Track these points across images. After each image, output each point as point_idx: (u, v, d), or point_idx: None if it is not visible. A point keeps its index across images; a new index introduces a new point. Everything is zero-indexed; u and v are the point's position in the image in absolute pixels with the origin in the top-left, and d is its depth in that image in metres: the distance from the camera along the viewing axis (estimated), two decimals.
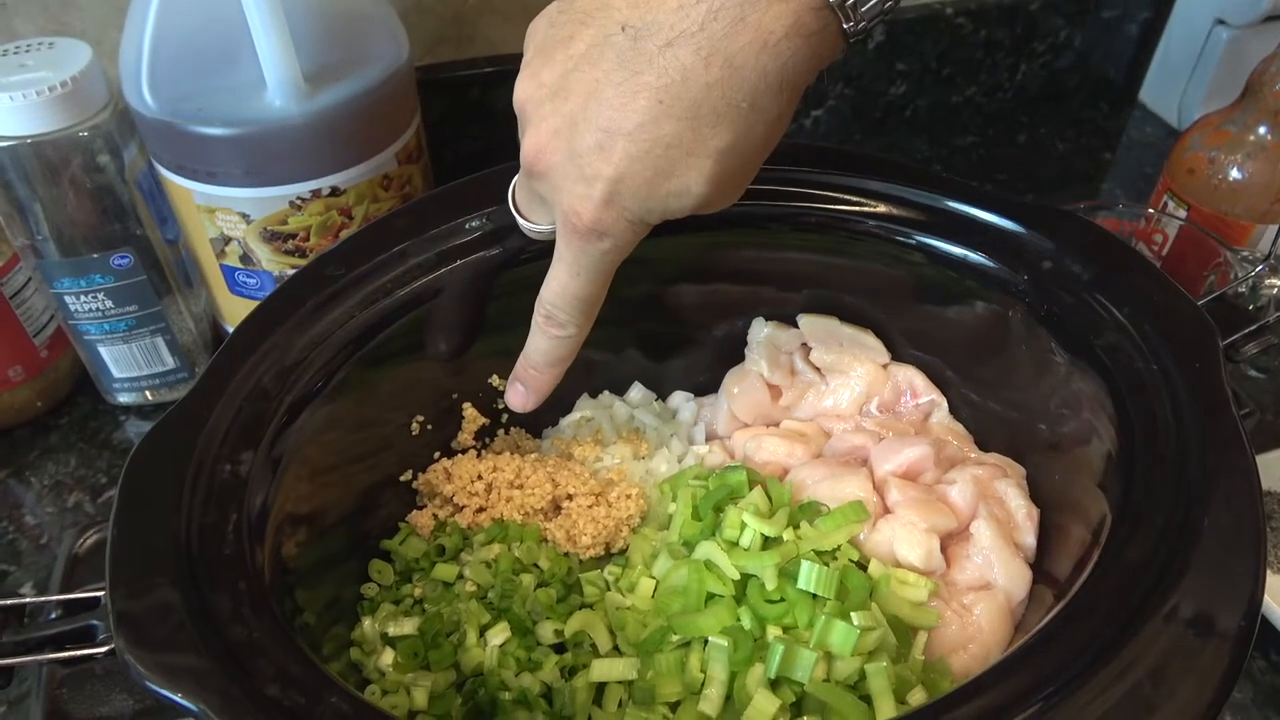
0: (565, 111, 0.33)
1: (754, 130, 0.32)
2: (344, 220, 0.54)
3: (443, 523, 0.45)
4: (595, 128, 0.32)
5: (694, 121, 0.31)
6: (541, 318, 0.38)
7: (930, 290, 0.46)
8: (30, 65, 0.51)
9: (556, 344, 0.39)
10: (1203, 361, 0.37)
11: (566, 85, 0.32)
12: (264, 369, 0.37)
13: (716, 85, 0.30)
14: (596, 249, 0.35)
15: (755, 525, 0.40)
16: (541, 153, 0.34)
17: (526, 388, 0.42)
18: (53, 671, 0.33)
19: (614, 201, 0.33)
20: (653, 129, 0.31)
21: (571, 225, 0.34)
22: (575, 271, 0.36)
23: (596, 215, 0.33)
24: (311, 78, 0.50)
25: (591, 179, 0.32)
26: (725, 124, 0.31)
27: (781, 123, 0.33)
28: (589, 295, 0.37)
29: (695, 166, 0.32)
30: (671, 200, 0.33)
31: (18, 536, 0.56)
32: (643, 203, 0.33)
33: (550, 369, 0.41)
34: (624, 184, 0.32)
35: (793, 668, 0.35)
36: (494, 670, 0.38)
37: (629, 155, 0.32)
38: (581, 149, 0.32)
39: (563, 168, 0.33)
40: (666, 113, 0.31)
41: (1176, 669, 0.29)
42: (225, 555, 0.32)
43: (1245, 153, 0.60)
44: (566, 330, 0.38)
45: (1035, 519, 0.42)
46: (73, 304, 0.56)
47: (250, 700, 0.27)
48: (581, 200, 0.33)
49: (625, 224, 0.34)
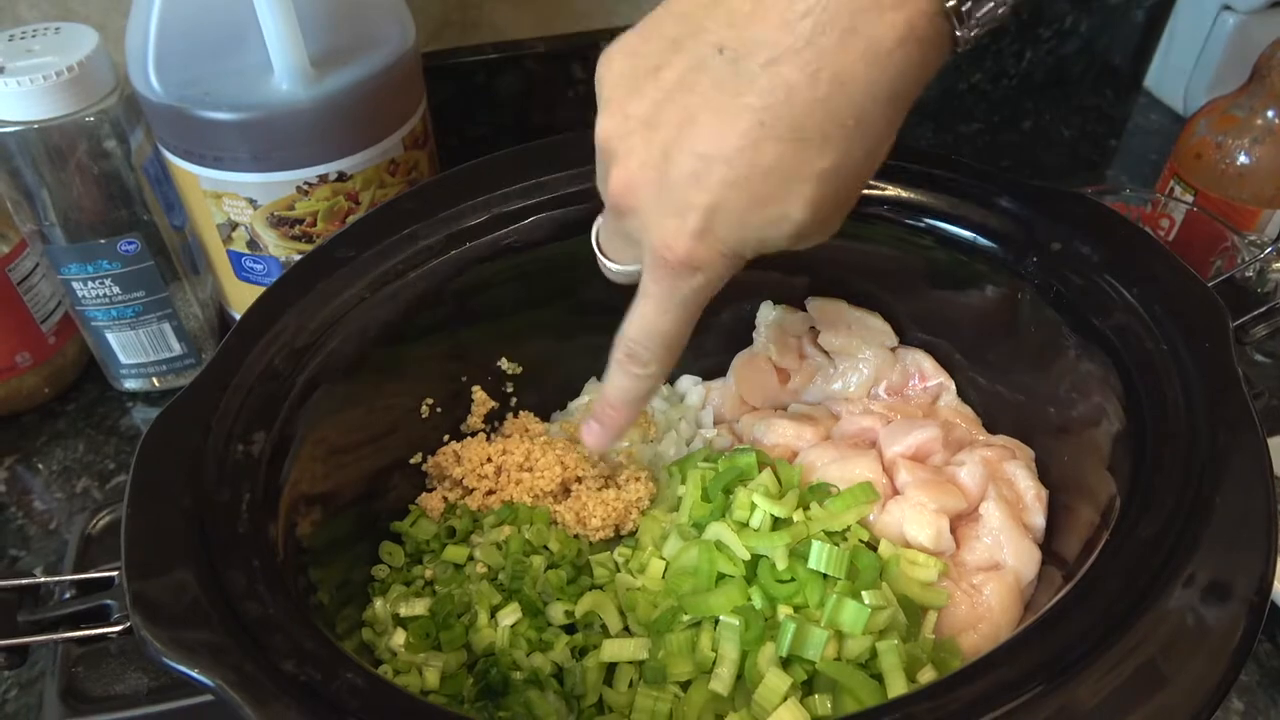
0: (657, 142, 0.31)
1: (857, 151, 0.30)
2: (351, 205, 0.54)
3: (452, 505, 0.45)
4: (691, 155, 0.30)
5: (797, 143, 0.29)
6: (623, 355, 0.36)
7: (939, 273, 0.46)
8: (36, 50, 0.51)
9: (637, 383, 0.37)
10: (1213, 342, 0.37)
11: (658, 116, 0.31)
12: (275, 350, 0.37)
13: (822, 103, 0.29)
14: (688, 285, 0.33)
15: (765, 506, 0.40)
16: (630, 187, 0.32)
17: (604, 427, 0.39)
18: (68, 650, 0.33)
19: (709, 233, 0.31)
20: (752, 153, 0.29)
21: (662, 260, 0.32)
22: (664, 309, 0.34)
23: (690, 248, 0.31)
24: (318, 62, 0.50)
25: (685, 210, 0.31)
26: (830, 145, 0.29)
27: (885, 143, 0.31)
28: (675, 334, 0.35)
29: (796, 191, 0.30)
30: (769, 229, 0.31)
31: (26, 522, 0.56)
32: (738, 232, 0.31)
33: (627, 408, 0.38)
34: (719, 214, 0.30)
35: (804, 646, 0.35)
36: (505, 650, 0.39)
37: (726, 182, 0.30)
38: (675, 179, 0.31)
39: (654, 201, 0.31)
40: (768, 134, 0.29)
41: (1186, 647, 0.29)
42: (239, 534, 0.32)
43: (1252, 137, 0.60)
44: (648, 369, 0.36)
45: (1044, 500, 0.42)
46: (80, 290, 0.56)
47: (266, 676, 0.27)
48: (674, 234, 0.31)
49: (719, 257, 0.32)
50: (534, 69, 0.74)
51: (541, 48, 0.74)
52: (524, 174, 0.45)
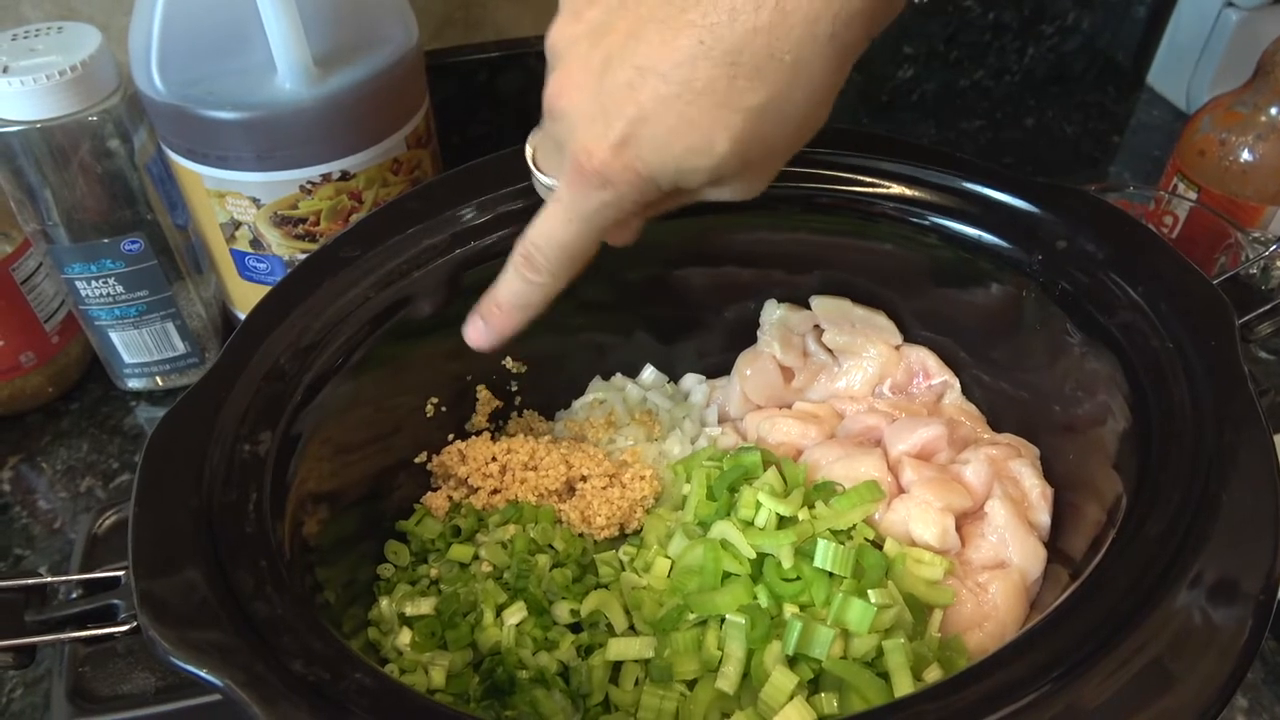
0: (601, 49, 0.31)
1: (793, 94, 0.30)
2: (354, 205, 0.54)
3: (457, 504, 0.45)
4: (629, 66, 0.30)
5: (731, 69, 0.29)
6: (520, 256, 0.36)
7: (944, 271, 0.46)
8: (39, 50, 0.50)
9: (527, 288, 0.36)
10: (1218, 339, 0.37)
11: (608, 22, 0.31)
12: (281, 349, 0.37)
13: (763, 31, 0.28)
14: (597, 198, 0.32)
15: (770, 505, 0.40)
16: (565, 89, 0.32)
17: (486, 324, 0.39)
18: (74, 650, 0.33)
19: (629, 145, 0.30)
20: (688, 70, 0.29)
21: (578, 165, 0.32)
22: (568, 218, 0.33)
23: (606, 158, 0.31)
24: (321, 61, 0.50)
25: (612, 118, 0.30)
26: (763, 78, 0.29)
27: (823, 94, 0.30)
28: (574, 248, 0.34)
29: (722, 121, 0.30)
30: (690, 158, 0.30)
31: (31, 521, 0.56)
32: (658, 154, 0.31)
33: (515, 312, 0.37)
34: (645, 127, 0.30)
35: (810, 645, 0.35)
36: (511, 649, 0.39)
37: (657, 96, 0.29)
38: (609, 87, 0.30)
39: (585, 106, 0.31)
40: (705, 54, 0.29)
41: (1193, 645, 0.29)
42: (246, 534, 0.32)
43: (1256, 134, 0.60)
44: (540, 277, 0.36)
45: (1049, 498, 0.42)
46: (84, 289, 0.56)
47: (275, 675, 0.27)
48: (596, 139, 0.31)
49: (635, 176, 0.31)
50: (536, 67, 0.74)
51: (543, 46, 0.74)
52: (525, 174, 0.45)
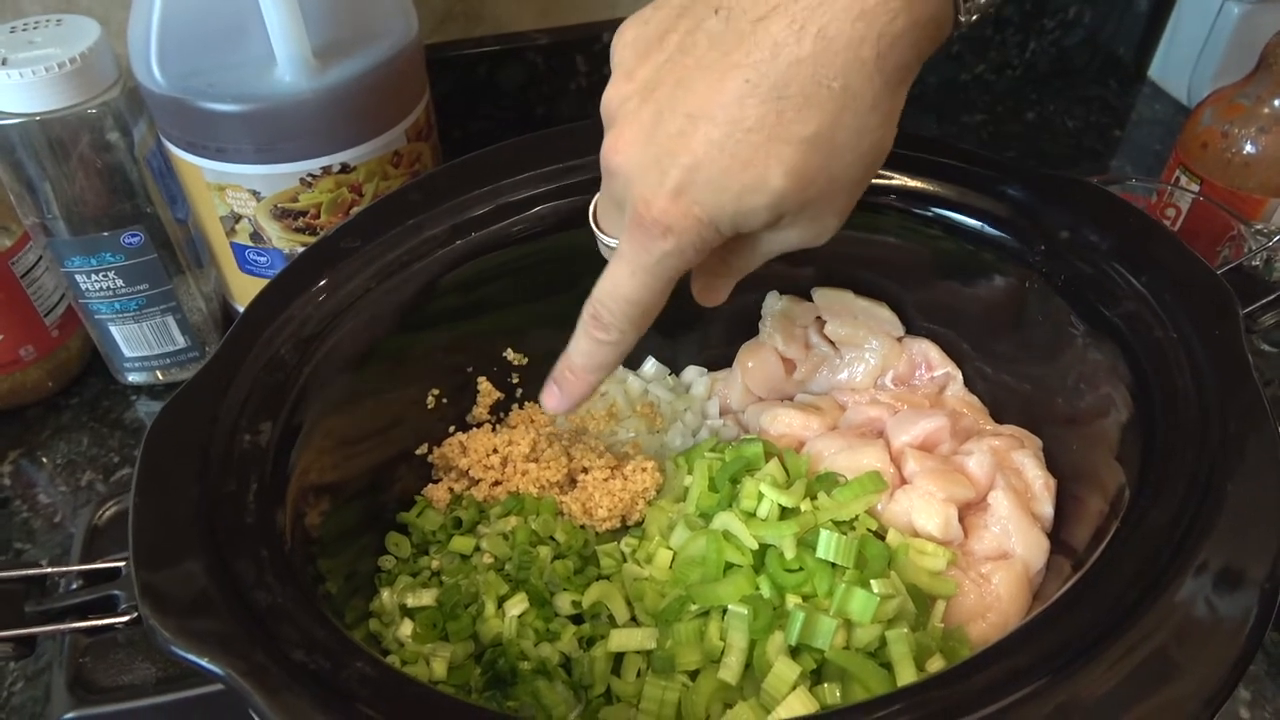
0: (652, 102, 0.31)
1: (845, 119, 0.29)
2: (354, 197, 0.54)
3: (459, 496, 0.45)
4: (680, 114, 0.30)
5: (779, 102, 0.29)
6: (588, 316, 0.35)
7: (946, 263, 0.46)
8: (38, 42, 0.50)
9: (598, 349, 0.36)
10: (1222, 329, 0.37)
11: (658, 79, 0.31)
12: (281, 340, 0.37)
13: (807, 61, 0.28)
14: (658, 248, 0.32)
15: (773, 496, 0.40)
16: (619, 146, 0.32)
17: (561, 390, 0.38)
18: (75, 641, 0.33)
19: (686, 193, 0.30)
20: (736, 109, 0.29)
21: (638, 217, 0.31)
22: (631, 270, 0.33)
23: (665, 206, 0.31)
24: (321, 53, 0.49)
25: (667, 167, 0.30)
26: (812, 108, 0.29)
27: (879, 119, 0.30)
28: (641, 301, 0.34)
29: (775, 155, 0.29)
30: (747, 197, 0.30)
31: (31, 515, 0.56)
32: (715, 196, 0.30)
33: (588, 375, 0.37)
34: (699, 173, 0.30)
35: (813, 635, 0.35)
36: (513, 640, 0.39)
37: (709, 140, 0.29)
38: (661, 138, 0.30)
39: (639, 158, 0.31)
40: (752, 92, 0.29)
41: (1197, 636, 0.28)
42: (247, 524, 0.32)
43: (1259, 126, 0.60)
44: (610, 335, 0.35)
45: (1053, 489, 0.42)
46: (84, 283, 0.56)
47: (276, 665, 0.27)
48: (653, 189, 0.31)
49: (694, 222, 0.31)
50: (536, 61, 0.74)
51: (544, 40, 0.74)
52: (529, 164, 0.45)
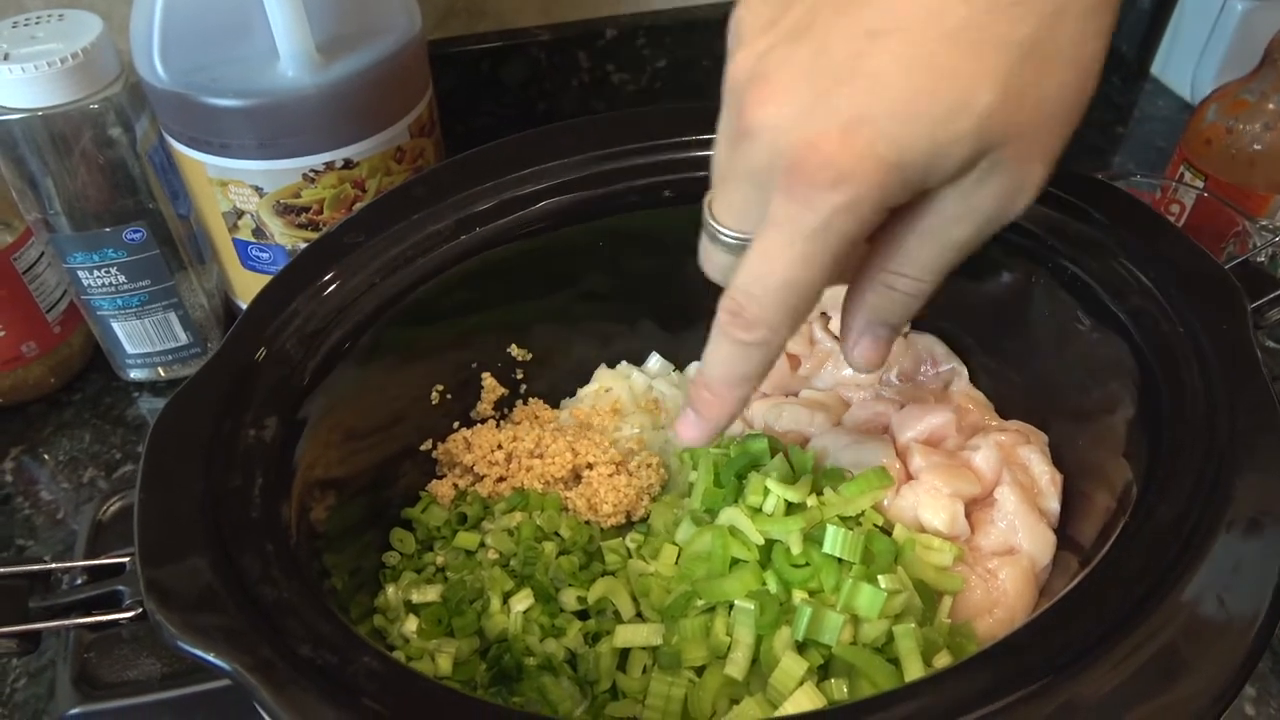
0: (811, 37, 0.24)
1: (1065, 23, 0.23)
2: (357, 193, 0.54)
3: (463, 492, 0.45)
4: (856, 35, 0.24)
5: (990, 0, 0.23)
6: (726, 314, 0.28)
7: None
8: (40, 37, 0.50)
9: (742, 354, 0.28)
10: (1230, 324, 0.36)
11: (809, 15, 0.25)
12: (286, 335, 0.37)
13: None
14: (828, 202, 0.24)
15: (779, 491, 0.40)
16: (766, 98, 0.25)
17: (700, 415, 0.31)
18: (80, 637, 0.33)
19: (864, 123, 0.23)
20: (936, 13, 0.23)
21: (799, 166, 0.24)
22: (789, 239, 0.25)
23: (836, 147, 0.24)
24: (324, 49, 0.49)
25: (837, 97, 0.24)
26: (1029, 3, 0.23)
27: (1095, 25, 0.24)
28: (800, 282, 0.26)
29: (986, 63, 0.23)
30: (948, 122, 0.23)
31: (33, 512, 0.56)
32: (906, 125, 0.23)
33: (732, 389, 0.30)
34: (883, 96, 0.23)
35: (820, 630, 0.35)
36: (518, 636, 0.38)
37: (895, 56, 0.23)
38: (829, 66, 0.24)
39: (798, 100, 0.24)
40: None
41: (1205, 633, 0.28)
42: (252, 519, 0.32)
43: (1264, 122, 0.60)
44: (757, 333, 0.28)
45: (1059, 484, 0.42)
46: (86, 279, 0.56)
47: (282, 659, 0.27)
48: (820, 128, 0.24)
49: (875, 164, 0.24)
50: (539, 57, 0.74)
51: (546, 35, 0.73)
52: (533, 159, 0.45)
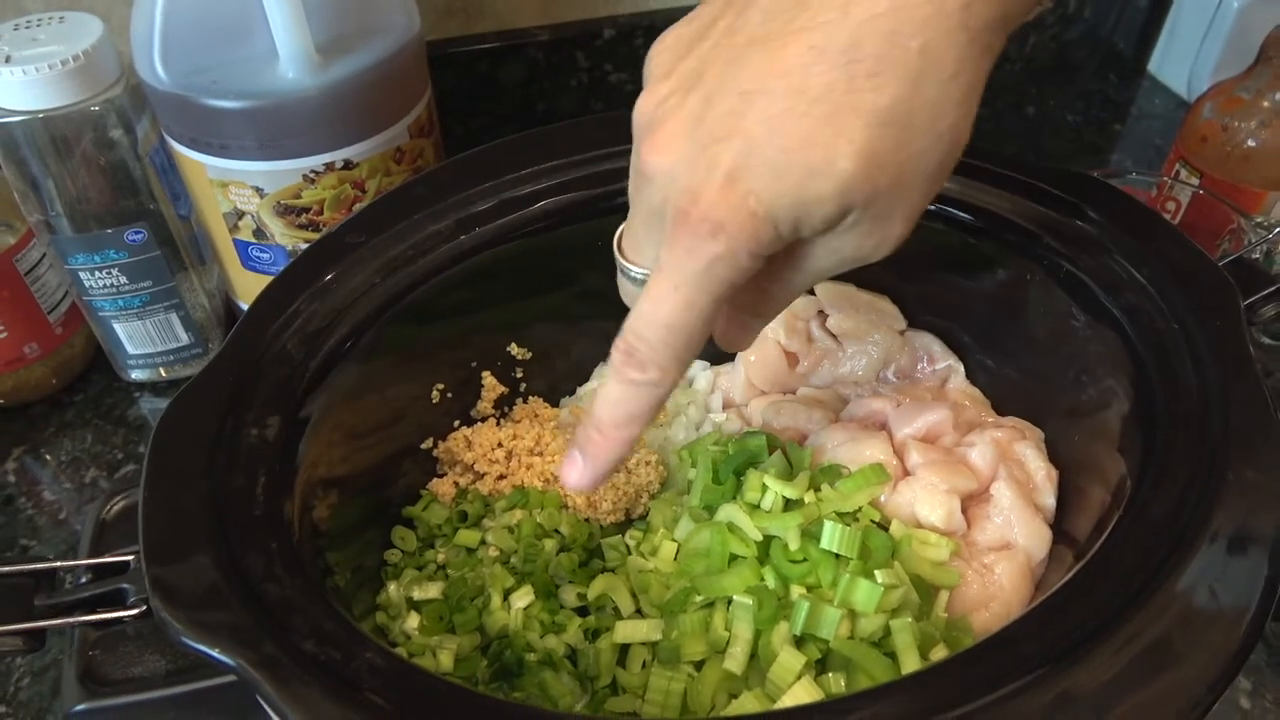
0: (699, 90, 0.26)
1: (924, 90, 0.25)
2: (357, 194, 0.54)
3: (464, 490, 0.45)
4: (732, 93, 0.26)
5: (850, 66, 0.24)
6: (619, 354, 0.29)
7: (948, 256, 0.46)
8: (41, 40, 0.50)
9: (633, 393, 0.29)
10: (1224, 320, 0.37)
11: (703, 66, 0.27)
12: (287, 335, 0.37)
13: (885, 16, 0.24)
14: (707, 251, 0.26)
15: (777, 488, 0.40)
16: (659, 146, 0.27)
17: (586, 457, 0.31)
18: (85, 634, 0.33)
19: (739, 180, 0.26)
20: (800, 77, 0.25)
21: (682, 215, 0.26)
22: (674, 285, 0.27)
23: (714, 198, 0.26)
24: (324, 50, 0.50)
25: (717, 153, 0.26)
26: (887, 71, 0.25)
27: (960, 95, 0.26)
28: (687, 326, 0.28)
29: (845, 129, 0.25)
30: (809, 185, 0.25)
31: (36, 512, 0.56)
32: (774, 182, 0.25)
33: (621, 430, 0.30)
34: (755, 154, 0.25)
35: (818, 625, 0.35)
36: (519, 632, 0.39)
37: (766, 116, 0.25)
38: (710, 121, 0.26)
39: (684, 151, 0.27)
40: (819, 57, 0.25)
41: (1198, 625, 0.29)
42: (255, 517, 0.32)
43: (1259, 120, 0.60)
44: (646, 374, 0.29)
45: (1055, 480, 0.42)
46: (87, 280, 0.56)
47: (287, 655, 0.27)
48: (700, 179, 0.26)
49: (748, 216, 0.26)
50: (538, 57, 0.74)
51: (545, 36, 0.74)
52: (533, 159, 0.45)
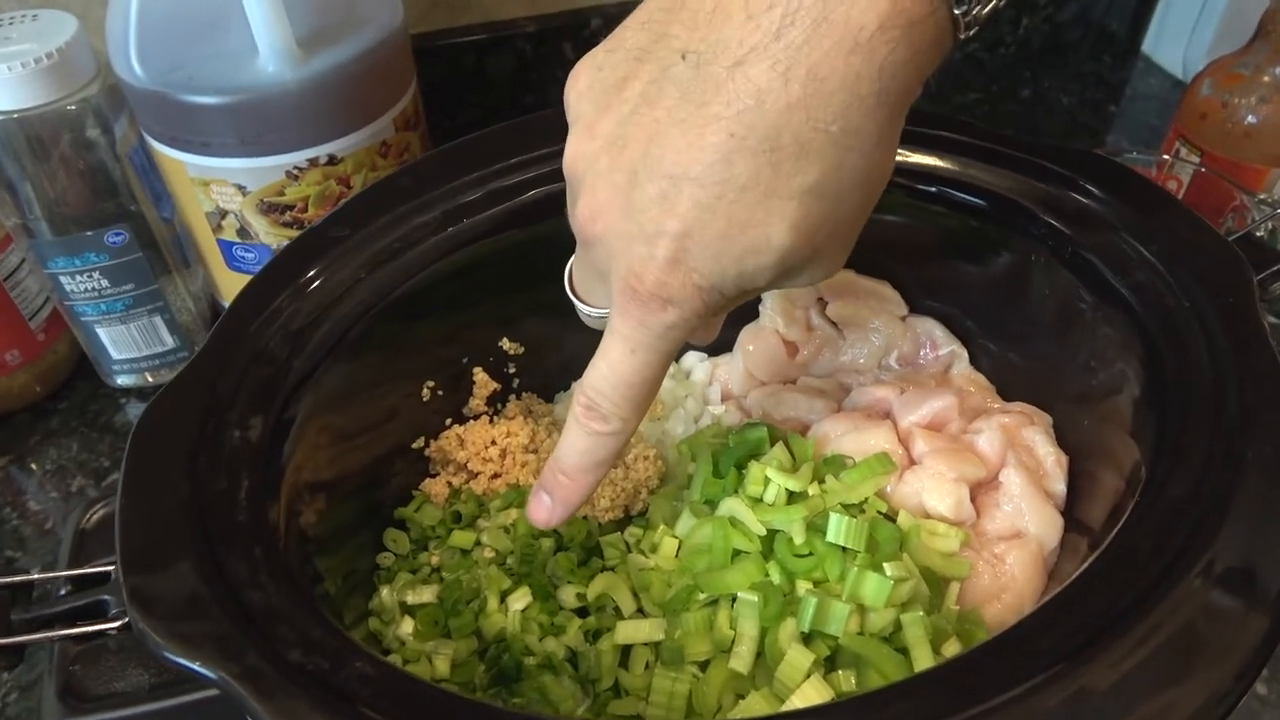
0: (623, 163, 0.28)
1: (846, 163, 0.27)
2: (342, 190, 0.53)
3: (457, 490, 0.44)
4: (658, 175, 0.27)
5: (772, 155, 0.26)
6: (580, 408, 0.32)
7: (951, 239, 0.45)
8: (14, 38, 0.49)
9: (595, 443, 0.32)
10: (1236, 296, 0.36)
11: (624, 133, 0.28)
12: (270, 333, 0.36)
13: (799, 106, 0.25)
14: (659, 321, 0.29)
15: (779, 480, 0.39)
16: (594, 213, 0.29)
17: (553, 498, 0.34)
18: (65, 649, 0.32)
19: (681, 262, 0.28)
20: (724, 169, 0.26)
21: (631, 291, 0.29)
22: (631, 348, 0.30)
23: (660, 279, 0.28)
24: (304, 42, 0.48)
25: (654, 236, 0.28)
26: (812, 155, 0.26)
27: (880, 154, 0.27)
28: (642, 382, 0.31)
29: (776, 212, 0.27)
30: (750, 259, 0.28)
31: (21, 523, 0.55)
32: (714, 263, 0.28)
33: (585, 474, 0.33)
34: (692, 239, 0.27)
35: (826, 621, 0.34)
36: (517, 636, 0.38)
37: (697, 204, 0.27)
38: (642, 202, 0.28)
39: (620, 227, 0.28)
40: (739, 147, 0.26)
41: (1224, 610, 0.28)
42: (239, 522, 0.31)
43: (1259, 95, 0.59)
44: (609, 425, 0.32)
45: (1065, 466, 0.41)
46: (68, 284, 0.55)
47: (271, 666, 0.26)
48: (643, 261, 0.28)
49: (694, 290, 0.28)
50: (524, 49, 0.73)
51: (531, 27, 0.73)
52: (522, 147, 0.44)
